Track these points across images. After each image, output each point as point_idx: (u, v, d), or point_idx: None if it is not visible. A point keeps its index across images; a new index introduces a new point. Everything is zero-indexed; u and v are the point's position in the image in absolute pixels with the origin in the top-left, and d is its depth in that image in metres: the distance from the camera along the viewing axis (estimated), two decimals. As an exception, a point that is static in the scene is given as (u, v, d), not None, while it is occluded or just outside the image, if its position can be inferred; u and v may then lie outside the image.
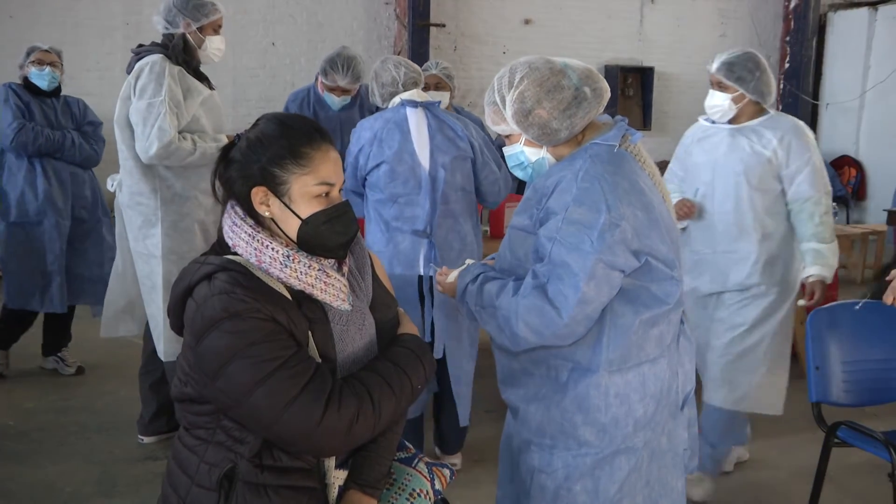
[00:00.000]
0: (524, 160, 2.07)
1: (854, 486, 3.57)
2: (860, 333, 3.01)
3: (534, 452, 2.01)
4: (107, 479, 3.50)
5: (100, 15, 7.47)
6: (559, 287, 1.86)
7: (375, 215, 3.35)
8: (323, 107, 4.58)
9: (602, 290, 1.87)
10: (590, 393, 1.94)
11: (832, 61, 10.59)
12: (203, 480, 1.65)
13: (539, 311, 1.87)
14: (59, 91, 4.68)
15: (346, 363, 1.72)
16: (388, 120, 3.30)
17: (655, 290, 1.94)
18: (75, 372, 4.70)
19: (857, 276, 7.87)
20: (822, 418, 2.91)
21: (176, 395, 1.73)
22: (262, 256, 1.67)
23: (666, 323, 1.98)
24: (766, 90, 3.23)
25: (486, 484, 3.45)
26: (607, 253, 1.84)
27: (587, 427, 1.95)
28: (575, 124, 1.98)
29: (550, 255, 1.88)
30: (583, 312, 1.87)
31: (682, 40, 10.09)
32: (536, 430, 2.00)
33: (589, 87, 1.97)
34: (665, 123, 10.11)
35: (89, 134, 4.69)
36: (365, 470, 1.78)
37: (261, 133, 1.71)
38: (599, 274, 1.85)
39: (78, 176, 4.64)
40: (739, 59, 3.26)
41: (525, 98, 1.96)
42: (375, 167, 3.28)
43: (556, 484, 1.97)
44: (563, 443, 1.97)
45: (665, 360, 1.99)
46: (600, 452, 1.96)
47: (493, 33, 9.14)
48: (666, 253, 1.94)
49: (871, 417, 3.63)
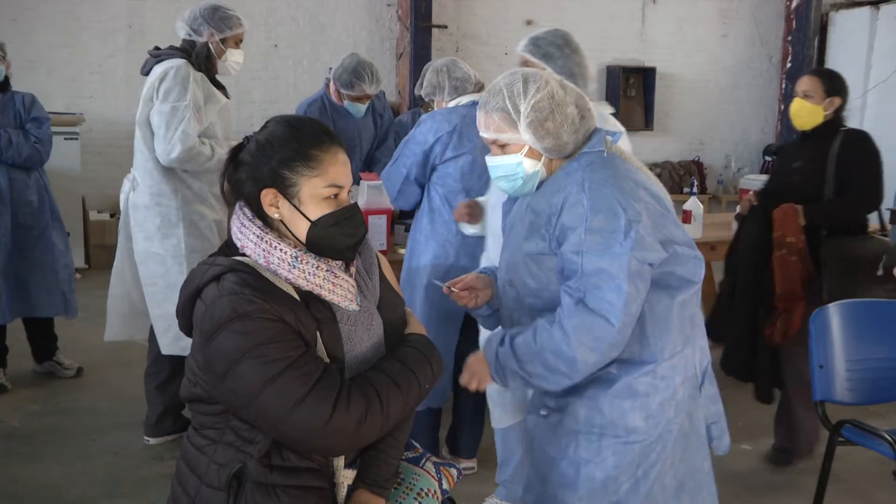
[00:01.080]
0: (520, 171, 2.07)
1: (858, 485, 3.57)
2: (864, 332, 3.01)
3: (581, 444, 2.02)
4: (112, 480, 3.50)
5: (102, 18, 7.48)
6: (601, 295, 1.90)
7: (441, 206, 3.36)
8: (340, 114, 4.56)
9: (640, 287, 1.92)
10: (639, 381, 1.99)
11: (834, 61, 10.59)
12: (212, 480, 1.66)
13: (589, 326, 1.90)
14: (6, 87, 4.29)
15: (355, 363, 1.72)
16: (465, 115, 3.31)
17: (682, 273, 2.01)
18: (75, 373, 4.62)
19: (860, 276, 7.85)
20: (827, 417, 2.91)
21: (185, 395, 1.74)
22: (270, 257, 1.68)
23: (695, 303, 2.06)
24: (576, 70, 2.96)
25: (492, 483, 3.46)
26: (638, 249, 1.90)
27: (635, 412, 1.99)
28: (579, 140, 2.06)
29: (583, 268, 1.91)
30: (630, 314, 1.91)
31: (683, 40, 10.10)
32: (585, 422, 2.02)
33: (580, 108, 2.06)
34: (667, 124, 10.11)
35: (31, 131, 4.25)
36: (373, 469, 1.79)
37: (270, 135, 1.72)
38: (635, 271, 1.90)
39: (17, 181, 4.25)
40: (547, 34, 2.98)
41: (542, 108, 2.01)
42: (452, 158, 3.29)
43: (605, 473, 1.99)
44: (611, 431, 2.00)
45: (697, 334, 2.07)
46: (647, 438, 2.00)
47: (495, 34, 9.15)
48: (682, 236, 2.02)
49: (876, 416, 3.64)
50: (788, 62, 10.65)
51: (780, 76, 10.80)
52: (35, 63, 7.19)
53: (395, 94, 8.54)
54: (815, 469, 3.00)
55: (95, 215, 7.37)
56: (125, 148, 7.69)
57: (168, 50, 3.57)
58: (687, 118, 10.34)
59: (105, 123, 7.60)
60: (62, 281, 4.46)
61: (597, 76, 9.52)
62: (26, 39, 7.12)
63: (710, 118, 10.49)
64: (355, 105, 4.51)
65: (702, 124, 10.45)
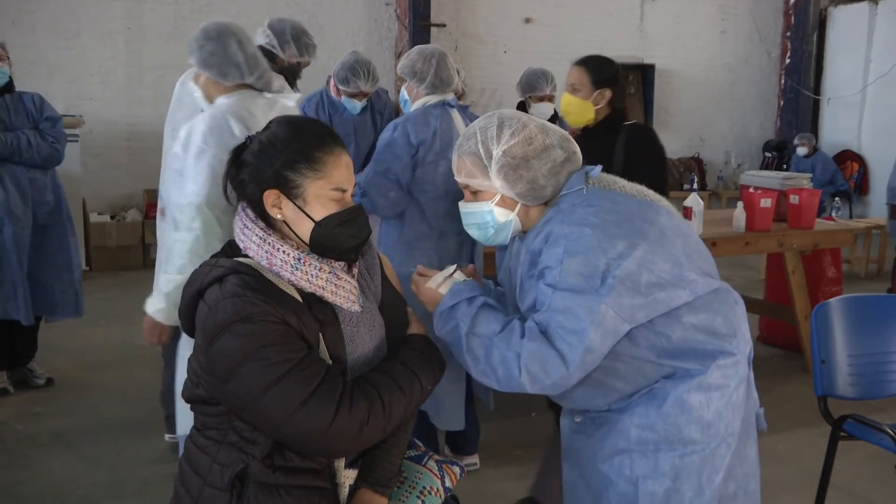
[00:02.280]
0: (490, 220, 1.96)
1: (861, 479, 3.58)
2: (865, 327, 3.01)
3: (637, 461, 1.90)
4: (116, 481, 3.51)
5: (101, 19, 7.49)
6: (563, 334, 1.77)
7: (419, 212, 3.28)
8: (337, 110, 4.67)
9: (607, 340, 1.79)
10: (691, 394, 1.86)
11: (833, 56, 10.60)
12: (215, 481, 1.66)
13: (543, 357, 1.77)
14: (12, 87, 4.29)
15: (357, 365, 1.73)
16: (439, 117, 3.29)
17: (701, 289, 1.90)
18: (45, 384, 4.47)
19: (861, 271, 7.87)
20: (829, 412, 2.92)
21: (187, 396, 1.74)
22: (273, 259, 1.68)
23: (727, 302, 1.95)
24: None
25: (495, 482, 3.47)
26: (616, 296, 1.77)
27: (691, 426, 1.87)
28: (560, 182, 1.94)
29: (552, 303, 1.80)
30: (586, 363, 1.78)
31: (682, 37, 10.10)
32: (637, 441, 1.89)
33: (564, 150, 1.95)
34: (667, 120, 10.11)
35: (47, 131, 4.28)
36: (375, 469, 1.79)
37: (273, 136, 1.72)
38: (607, 322, 1.77)
39: (37, 181, 4.29)
40: None
41: (515, 154, 1.90)
42: (433, 162, 3.22)
43: (666, 486, 1.88)
44: (667, 447, 1.88)
45: (739, 333, 1.95)
46: (707, 446, 1.88)
47: (494, 32, 9.15)
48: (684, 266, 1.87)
49: (878, 411, 3.64)
50: (787, 58, 10.66)
51: (780, 72, 10.81)
52: (35, 65, 7.20)
53: (393, 93, 8.54)
54: (816, 465, 3.00)
55: (96, 217, 7.39)
56: (125, 150, 7.78)
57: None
58: (686, 115, 10.34)
59: (105, 125, 7.62)
60: (76, 280, 4.47)
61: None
62: (26, 42, 7.12)
63: (710, 114, 10.50)
64: (351, 101, 4.60)
65: (701, 121, 10.46)
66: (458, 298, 1.92)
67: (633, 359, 1.87)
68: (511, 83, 5.24)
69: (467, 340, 1.86)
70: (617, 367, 1.88)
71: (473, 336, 1.86)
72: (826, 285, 5.30)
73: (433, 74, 3.35)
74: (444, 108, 3.32)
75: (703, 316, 1.89)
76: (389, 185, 3.20)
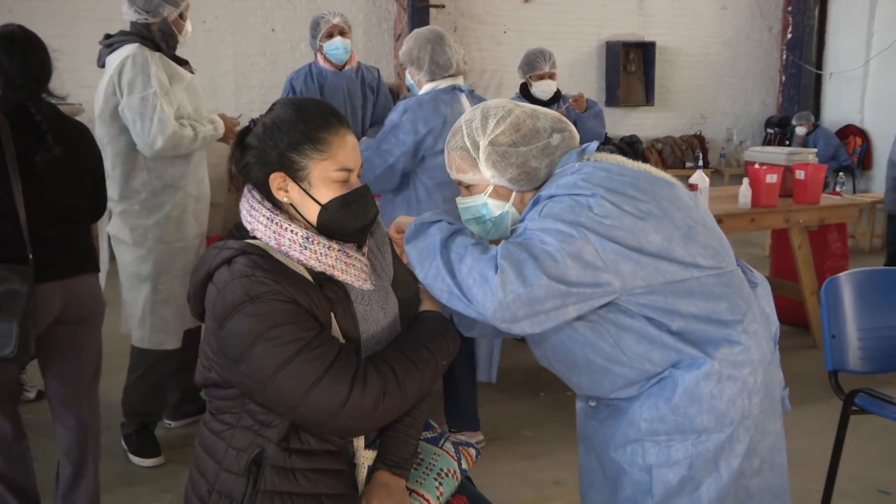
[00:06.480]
0: (485, 213, 1.93)
1: (872, 452, 3.57)
2: (875, 301, 3.00)
3: (649, 450, 1.86)
4: (125, 469, 3.52)
5: (99, 7, 7.43)
6: (540, 247, 1.67)
7: (427, 197, 3.33)
8: (326, 78, 4.57)
9: (585, 274, 1.67)
10: (699, 384, 1.80)
11: (835, 30, 10.53)
12: (231, 465, 1.65)
13: (519, 262, 1.65)
14: None
15: (371, 343, 1.72)
16: (449, 103, 3.30)
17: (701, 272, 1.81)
18: (35, 397, 4.31)
19: (866, 245, 7.85)
20: (840, 386, 2.91)
21: (200, 380, 1.73)
22: (281, 239, 1.66)
23: (731, 281, 1.86)
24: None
25: (503, 461, 3.47)
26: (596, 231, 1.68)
27: (703, 416, 1.82)
28: (554, 162, 1.89)
29: (528, 226, 1.73)
30: (560, 284, 1.65)
31: (682, 14, 10.03)
32: (648, 432, 1.85)
33: (559, 133, 1.90)
34: (668, 98, 10.07)
35: None
36: (392, 450, 1.78)
37: (277, 118, 1.70)
38: (587, 255, 1.67)
39: None
40: None
41: (502, 141, 1.86)
42: (443, 150, 3.24)
43: (680, 475, 1.84)
44: (680, 437, 1.84)
45: (749, 317, 1.87)
46: (722, 433, 1.83)
47: (493, 13, 9.09)
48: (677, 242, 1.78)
49: (887, 385, 3.63)
50: (789, 33, 10.59)
51: (781, 47, 10.74)
52: (32, 54, 7.16)
53: (393, 76, 8.50)
54: (826, 440, 3.00)
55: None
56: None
57: (119, 36, 3.43)
58: (688, 92, 10.29)
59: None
60: None
61: (596, 52, 9.51)
62: (22, 30, 7.08)
63: (711, 91, 10.44)
64: (331, 44, 4.48)
65: (703, 98, 10.41)
66: (439, 218, 1.85)
67: (636, 343, 1.82)
68: (511, 63, 5.21)
69: (442, 248, 1.74)
70: (618, 355, 1.84)
71: (449, 242, 1.76)
72: (832, 260, 5.28)
73: (429, 61, 3.35)
74: (453, 94, 3.32)
75: (704, 304, 1.82)
76: (382, 165, 3.28)
